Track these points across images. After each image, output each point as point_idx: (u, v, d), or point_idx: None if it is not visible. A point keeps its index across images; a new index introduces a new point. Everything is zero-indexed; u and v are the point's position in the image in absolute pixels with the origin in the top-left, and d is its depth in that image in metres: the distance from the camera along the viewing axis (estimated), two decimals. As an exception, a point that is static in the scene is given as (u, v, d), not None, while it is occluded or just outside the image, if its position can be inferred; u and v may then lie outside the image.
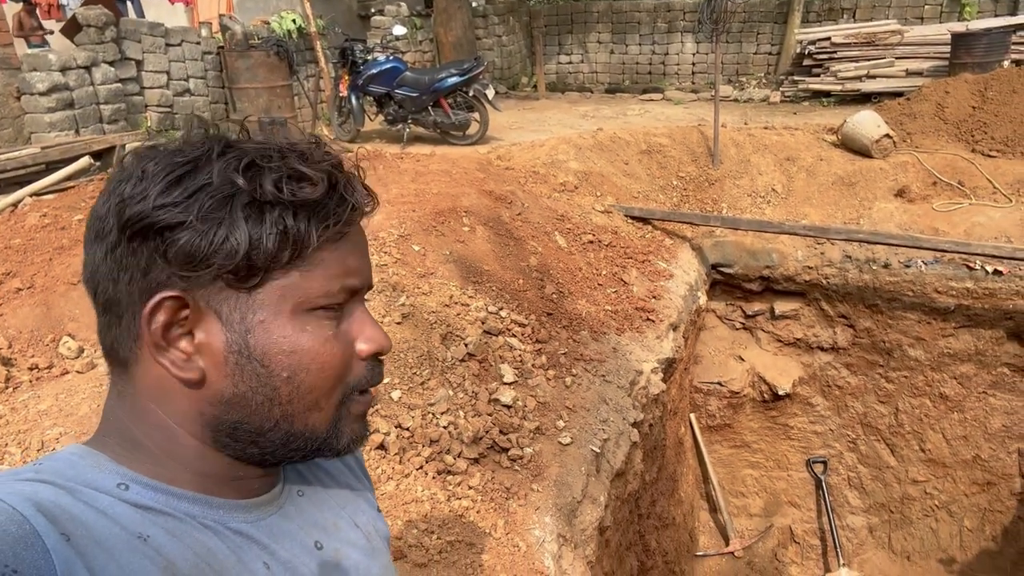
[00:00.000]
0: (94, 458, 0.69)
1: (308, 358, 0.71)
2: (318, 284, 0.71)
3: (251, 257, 0.67)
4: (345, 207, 0.72)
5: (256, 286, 0.69)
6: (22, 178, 5.31)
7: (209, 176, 0.67)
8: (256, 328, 0.69)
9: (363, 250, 0.77)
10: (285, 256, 0.68)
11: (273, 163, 0.69)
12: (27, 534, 0.57)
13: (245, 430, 0.72)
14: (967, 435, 5.72)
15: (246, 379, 0.70)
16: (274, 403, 0.71)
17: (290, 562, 0.76)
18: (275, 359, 0.70)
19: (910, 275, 5.49)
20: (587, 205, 5.40)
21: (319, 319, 0.72)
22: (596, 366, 3.76)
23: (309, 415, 0.73)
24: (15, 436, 2.37)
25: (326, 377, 0.73)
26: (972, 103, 6.37)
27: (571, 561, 2.70)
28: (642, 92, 11.21)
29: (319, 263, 0.71)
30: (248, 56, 7.72)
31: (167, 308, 0.68)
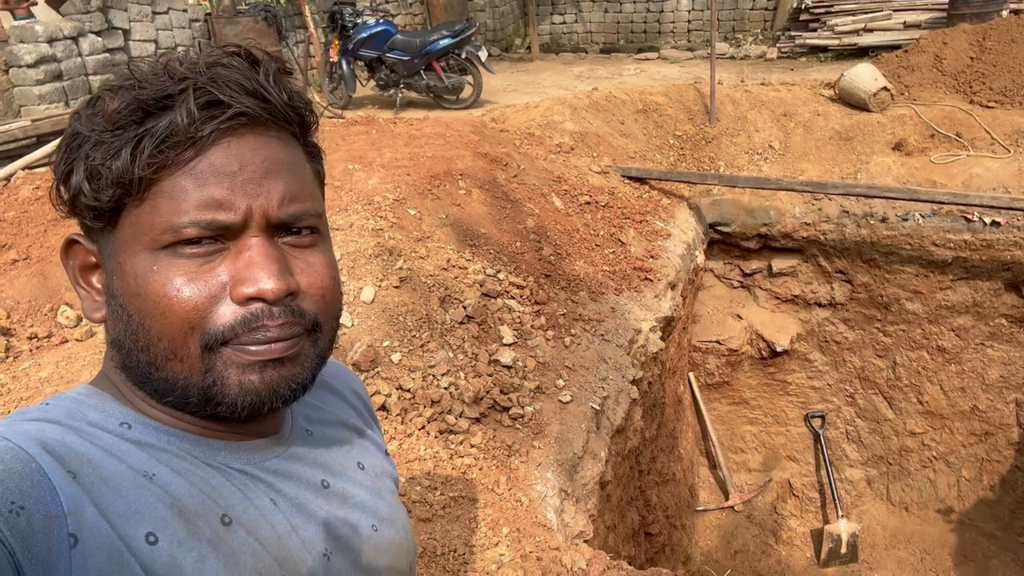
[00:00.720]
0: (99, 398, 0.69)
1: (151, 301, 0.64)
2: (160, 218, 0.64)
3: (83, 197, 0.65)
4: (170, 128, 0.63)
5: (111, 226, 0.66)
6: (13, 152, 5.27)
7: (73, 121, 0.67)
8: (116, 269, 0.67)
9: (243, 175, 0.65)
10: (108, 193, 0.64)
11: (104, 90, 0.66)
12: (33, 472, 0.57)
13: (134, 374, 0.69)
14: (965, 386, 5.77)
15: (116, 321, 0.68)
16: (139, 349, 0.67)
17: (296, 499, 0.76)
18: (130, 302, 0.66)
19: (907, 228, 5.48)
20: (583, 166, 5.37)
21: (173, 257, 0.64)
22: (595, 326, 3.77)
23: (168, 363, 0.66)
24: (17, 404, 2.39)
25: (169, 323, 0.64)
26: (970, 54, 6.30)
27: (573, 515, 2.74)
28: (637, 51, 11.07)
29: (162, 195, 0.64)
30: (236, 23, 7.61)
31: (75, 250, 0.70)
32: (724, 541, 5.93)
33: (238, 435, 0.74)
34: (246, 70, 0.67)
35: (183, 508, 0.65)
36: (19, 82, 6.08)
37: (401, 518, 0.89)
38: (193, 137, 0.64)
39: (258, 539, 0.70)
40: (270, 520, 0.72)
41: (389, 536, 0.85)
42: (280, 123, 0.69)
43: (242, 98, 0.65)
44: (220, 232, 0.65)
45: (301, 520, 0.75)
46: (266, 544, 0.70)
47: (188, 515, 0.65)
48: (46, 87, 6.09)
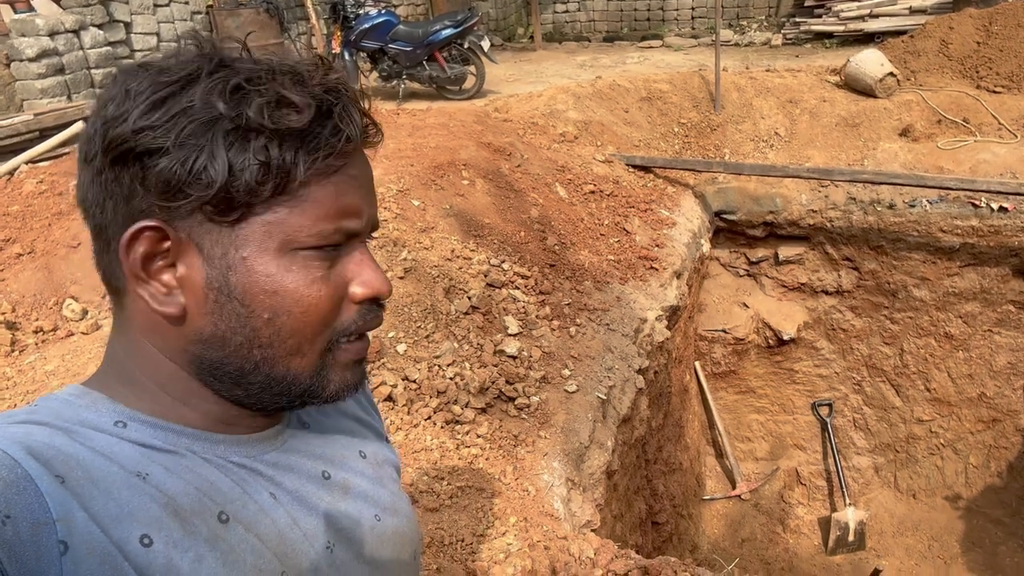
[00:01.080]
0: (90, 397, 0.67)
1: (291, 300, 0.67)
2: (308, 222, 0.66)
3: (229, 189, 0.63)
4: (339, 137, 0.66)
5: (238, 220, 0.65)
6: (16, 146, 5.26)
7: (192, 99, 0.62)
8: (238, 265, 0.65)
9: (365, 188, 0.71)
10: (267, 189, 0.64)
11: (262, 86, 0.63)
12: (19, 478, 0.55)
13: (227, 371, 0.69)
14: (972, 373, 5.74)
15: (225, 318, 0.67)
16: (254, 345, 0.67)
17: (297, 492, 0.75)
18: (256, 299, 0.66)
19: (915, 215, 5.45)
20: (587, 155, 5.35)
21: (308, 259, 0.67)
22: (600, 315, 3.76)
23: (290, 360, 0.69)
24: (23, 397, 2.39)
25: (309, 321, 0.68)
26: (977, 38, 6.24)
27: (580, 504, 2.74)
28: (641, 39, 11.01)
29: (309, 199, 0.66)
30: (237, 15, 7.59)
31: (146, 239, 0.65)
32: (731, 530, 5.93)
33: (239, 429, 0.73)
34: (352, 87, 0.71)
35: (178, 507, 0.63)
36: (21, 76, 6.07)
37: (404, 507, 0.88)
38: (351, 150, 0.69)
39: (257, 535, 0.69)
40: (270, 515, 0.71)
41: (392, 526, 0.84)
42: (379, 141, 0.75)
43: (372, 117, 0.72)
44: (350, 237, 0.70)
45: (302, 513, 0.74)
46: (266, 540, 0.69)
47: (184, 514, 0.63)
48: (48, 81, 6.08)
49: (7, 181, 4.38)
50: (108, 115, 0.64)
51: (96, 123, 0.65)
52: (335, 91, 0.67)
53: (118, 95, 0.64)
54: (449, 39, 7.26)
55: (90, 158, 0.65)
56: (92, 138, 0.65)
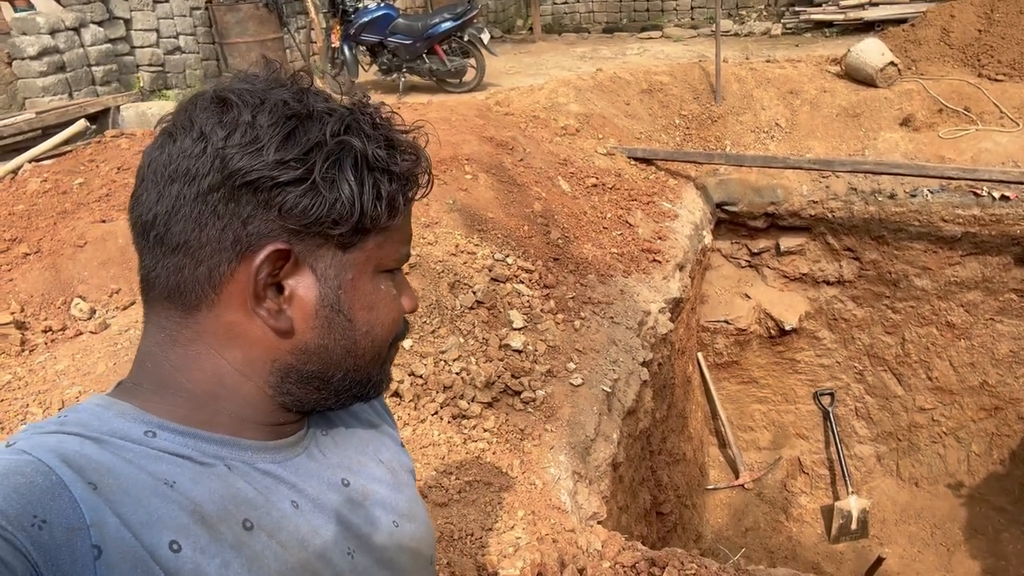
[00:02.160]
0: (119, 407, 0.69)
1: (383, 314, 0.78)
2: (394, 248, 0.77)
3: (361, 219, 0.71)
4: (426, 179, 0.78)
5: (353, 246, 0.73)
6: (19, 144, 5.27)
7: (321, 134, 0.69)
8: (347, 285, 0.74)
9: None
10: (383, 221, 0.73)
11: (376, 130, 0.73)
12: (54, 485, 0.57)
13: (316, 377, 0.76)
14: (974, 362, 5.76)
15: (332, 332, 0.75)
16: (351, 354, 0.77)
17: (318, 499, 0.77)
18: (359, 315, 0.76)
19: (916, 205, 5.46)
20: (589, 148, 5.35)
21: (386, 279, 0.78)
22: (604, 308, 3.78)
23: (372, 363, 0.79)
24: (35, 396, 2.41)
25: (389, 331, 0.80)
26: (978, 26, 6.23)
27: (586, 496, 2.76)
28: (641, 30, 10.97)
29: (396, 229, 0.76)
30: (237, 10, 7.57)
31: (273, 258, 0.70)
32: (735, 519, 5.96)
33: (264, 435, 0.76)
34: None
35: (205, 514, 0.65)
36: (23, 74, 6.07)
37: (420, 512, 0.90)
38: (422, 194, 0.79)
39: (280, 542, 0.71)
40: (292, 522, 0.73)
41: (410, 531, 0.86)
42: None
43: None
44: None
45: (322, 520, 0.76)
46: (288, 547, 0.71)
47: (210, 521, 0.65)
48: (49, 79, 6.08)
49: (11, 180, 4.39)
50: (231, 141, 0.68)
51: (206, 144, 0.68)
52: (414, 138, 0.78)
53: (240, 123, 0.68)
54: (449, 32, 7.24)
55: (194, 177, 0.68)
56: (199, 157, 0.68)
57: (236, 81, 0.74)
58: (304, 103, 0.71)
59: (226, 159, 0.67)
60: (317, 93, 0.74)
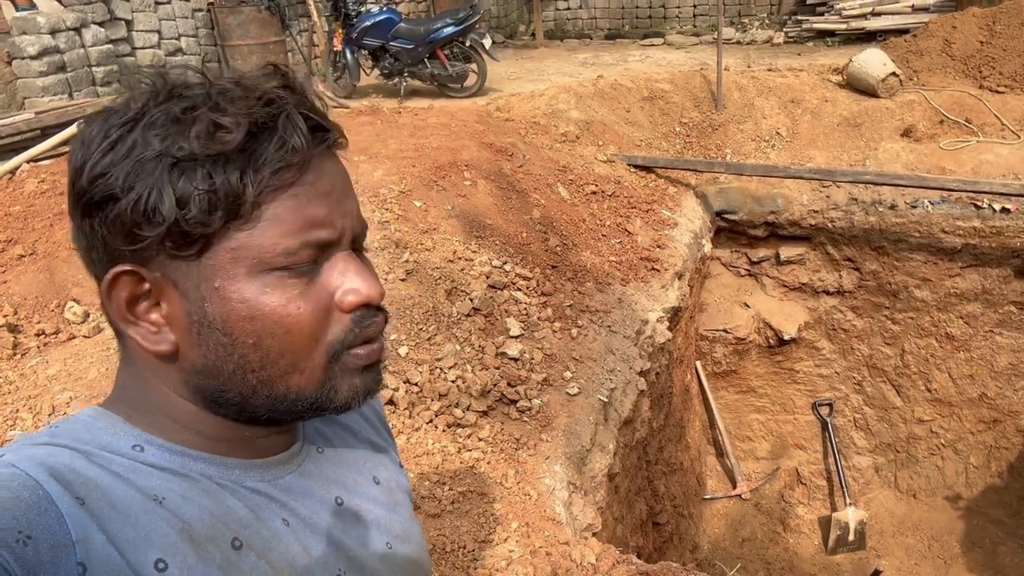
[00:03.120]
0: (109, 420, 0.68)
1: (271, 322, 0.65)
2: (271, 242, 0.64)
3: (180, 223, 0.62)
4: (284, 149, 0.64)
5: (202, 252, 0.64)
6: (18, 144, 5.25)
7: (135, 139, 0.62)
8: (212, 296, 0.65)
9: (334, 195, 0.68)
10: (218, 217, 0.62)
11: (199, 113, 0.62)
12: (40, 499, 0.56)
13: (229, 397, 0.69)
14: (973, 374, 5.74)
15: (212, 348, 0.66)
16: (247, 370, 0.67)
17: (310, 518, 0.75)
18: (236, 326, 0.65)
19: (916, 216, 5.44)
20: (589, 155, 5.34)
21: (282, 278, 0.65)
22: (602, 317, 3.76)
23: (289, 379, 0.68)
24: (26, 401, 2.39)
25: (295, 340, 0.67)
26: (980, 38, 6.22)
27: (581, 507, 2.74)
28: (643, 37, 10.98)
29: (267, 218, 0.64)
30: (239, 12, 7.56)
31: (125, 282, 0.65)
32: (732, 529, 5.94)
33: (254, 453, 0.74)
34: (304, 92, 0.69)
35: (193, 533, 0.64)
36: (23, 74, 6.06)
37: (415, 534, 0.89)
38: (304, 161, 0.66)
39: (269, 562, 0.69)
40: (282, 541, 0.71)
41: (404, 553, 0.84)
42: (341, 145, 0.73)
43: (328, 122, 0.69)
44: (323, 250, 0.68)
45: (314, 540, 0.75)
46: (277, 567, 0.70)
47: (198, 540, 0.64)
48: (49, 79, 6.07)
49: (8, 180, 4.37)
50: (73, 164, 0.64)
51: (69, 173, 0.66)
52: (274, 102, 0.65)
53: (77, 144, 0.65)
54: (451, 37, 7.24)
55: (71, 209, 0.66)
56: (69, 189, 0.66)
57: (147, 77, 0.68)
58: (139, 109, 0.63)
59: (72, 186, 0.64)
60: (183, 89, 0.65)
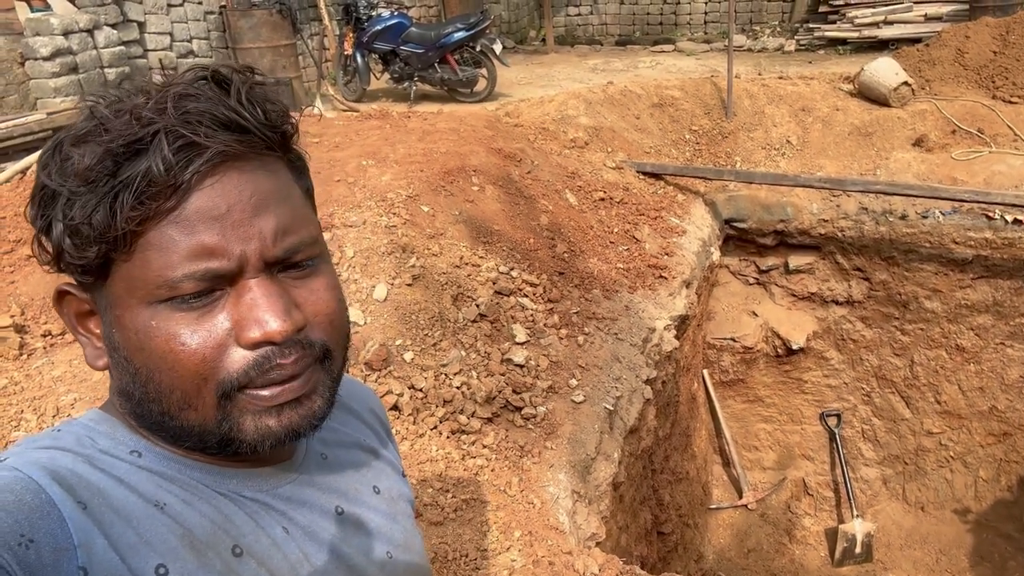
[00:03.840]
0: (110, 424, 0.68)
1: (157, 356, 0.62)
2: (154, 273, 0.61)
3: (65, 255, 0.62)
4: (148, 177, 0.59)
5: (102, 279, 0.64)
6: (29, 144, 5.29)
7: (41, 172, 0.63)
8: (115, 323, 0.64)
9: (232, 218, 0.62)
10: (94, 249, 0.61)
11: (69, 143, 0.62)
12: (43, 503, 0.56)
13: (146, 421, 0.68)
14: (983, 386, 5.69)
15: (123, 373, 0.66)
16: (148, 399, 0.65)
17: (309, 527, 0.75)
18: (133, 356, 0.64)
19: (927, 226, 5.40)
20: (598, 162, 5.33)
21: (170, 311, 0.62)
22: (609, 324, 3.74)
23: (183, 413, 0.65)
24: (31, 402, 2.40)
25: (179, 376, 0.63)
26: (993, 48, 6.18)
27: (586, 516, 2.72)
28: (653, 44, 10.97)
29: (149, 249, 0.60)
30: (251, 15, 7.59)
31: (69, 299, 0.68)
32: (737, 540, 5.89)
33: (251, 463, 0.73)
34: (217, 98, 0.63)
35: (194, 539, 0.64)
36: (35, 75, 6.09)
37: (417, 543, 0.88)
38: (173, 185, 0.60)
39: (269, 570, 0.69)
40: (282, 550, 0.71)
41: (404, 562, 0.84)
42: (261, 151, 0.65)
43: (219, 135, 0.61)
44: (216, 281, 0.63)
45: (314, 549, 0.74)
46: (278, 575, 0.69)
47: (199, 546, 0.64)
48: (62, 80, 6.10)
49: (19, 180, 4.40)
50: None
51: None
52: (152, 122, 0.60)
53: None
54: (461, 42, 7.24)
55: None
56: None
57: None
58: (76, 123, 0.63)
59: None
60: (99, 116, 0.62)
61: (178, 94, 0.62)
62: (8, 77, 6.03)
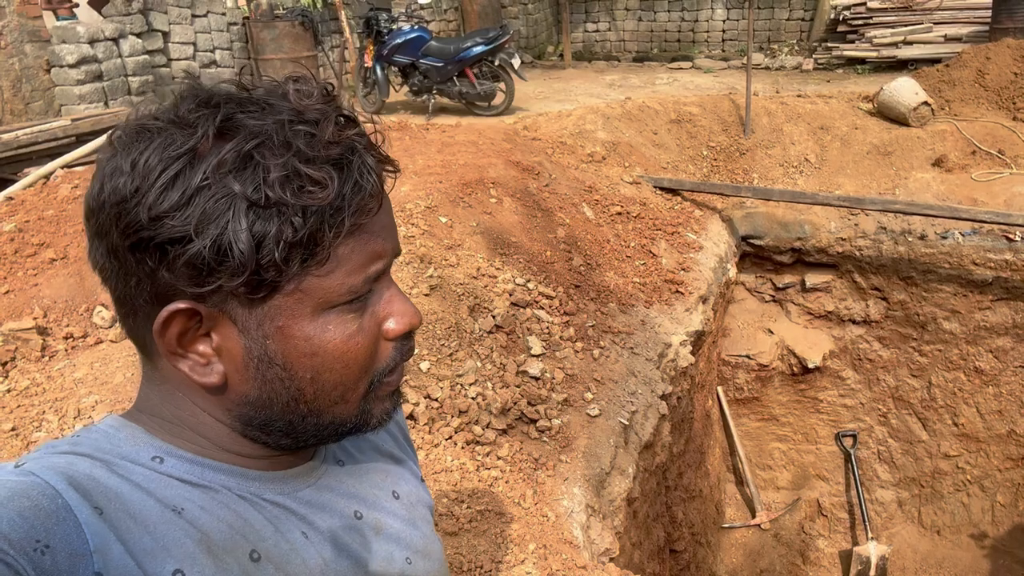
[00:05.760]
0: (130, 430, 0.68)
1: (332, 358, 0.67)
2: (338, 282, 0.65)
3: (258, 271, 0.61)
4: (361, 196, 0.64)
5: (270, 294, 0.64)
6: (53, 150, 5.36)
7: (206, 175, 0.60)
8: (275, 334, 0.65)
9: (386, 224, 0.69)
10: (295, 264, 0.62)
11: (276, 156, 0.60)
12: (59, 508, 0.56)
13: (276, 426, 0.70)
14: (1002, 409, 5.62)
15: (269, 382, 0.67)
16: (300, 402, 0.69)
17: (329, 532, 0.75)
18: (297, 362, 0.67)
19: (947, 247, 5.36)
20: (615, 176, 5.33)
21: (342, 314, 0.67)
22: (624, 338, 3.73)
23: (336, 408, 0.70)
24: (52, 404, 2.41)
25: (350, 372, 0.69)
26: (1014, 69, 6.15)
27: (599, 531, 2.70)
28: (671, 60, 11.00)
29: (338, 260, 0.65)
30: (273, 27, 7.69)
31: (179, 319, 0.64)
32: (750, 560, 5.83)
33: (274, 465, 0.74)
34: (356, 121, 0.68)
35: (211, 544, 0.64)
36: (60, 81, 6.19)
37: (436, 549, 0.88)
38: (379, 202, 0.67)
39: (288, 575, 0.69)
40: (301, 554, 0.71)
41: (423, 568, 0.84)
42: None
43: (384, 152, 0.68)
44: (376, 282, 0.69)
45: (333, 554, 0.74)
46: None
47: (216, 551, 0.64)
48: (86, 87, 6.20)
49: (43, 185, 4.45)
50: (119, 191, 0.61)
51: (104, 194, 0.62)
52: (352, 148, 0.64)
53: (125, 168, 0.61)
54: (480, 56, 7.30)
55: (103, 233, 0.63)
56: (100, 211, 0.63)
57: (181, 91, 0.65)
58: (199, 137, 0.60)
59: (118, 216, 0.61)
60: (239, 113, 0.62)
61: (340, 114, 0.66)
62: (34, 83, 6.13)
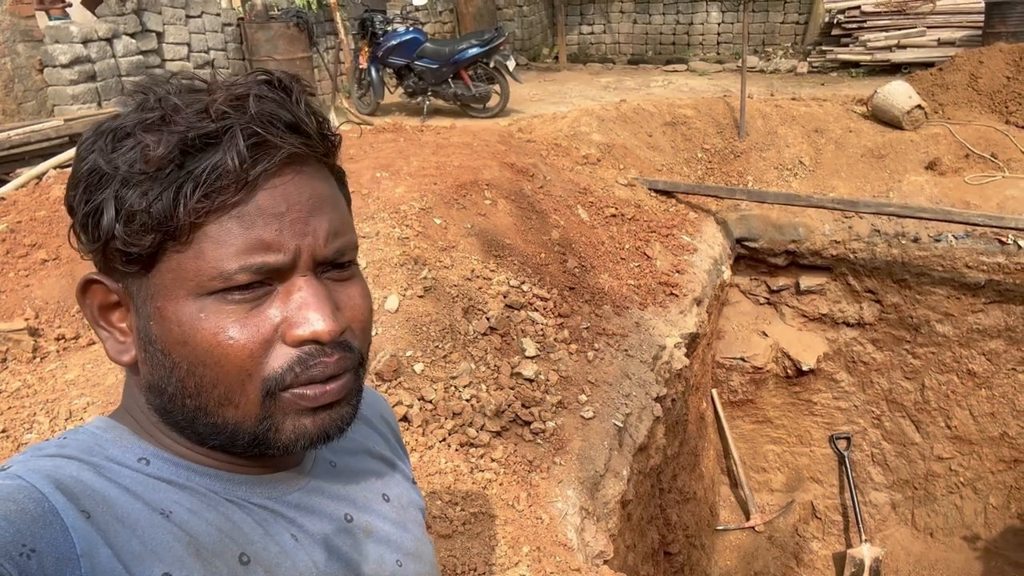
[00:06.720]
0: (117, 432, 0.67)
1: (202, 350, 0.62)
2: (208, 264, 0.61)
3: (117, 241, 0.61)
4: (218, 170, 0.60)
5: (146, 269, 0.62)
6: (46, 151, 5.34)
7: (93, 156, 0.62)
8: (155, 315, 0.63)
9: (290, 216, 0.63)
10: (151, 238, 0.60)
11: (139, 132, 0.61)
12: (46, 512, 0.56)
13: (175, 418, 0.67)
14: (995, 412, 5.64)
15: (156, 367, 0.65)
16: (185, 395, 0.65)
17: (319, 535, 0.74)
18: (174, 350, 0.63)
19: (940, 249, 5.38)
20: (610, 178, 5.34)
21: (221, 303, 0.62)
22: (619, 340, 3.73)
23: (222, 410, 0.65)
24: (43, 405, 2.40)
25: (224, 371, 0.63)
26: (1007, 73, 6.19)
27: (593, 534, 2.70)
28: (666, 63, 11.02)
29: (206, 240, 0.61)
30: (268, 28, 7.68)
31: (95, 290, 0.66)
32: (744, 562, 5.83)
33: (260, 469, 0.73)
34: (284, 101, 0.64)
35: (200, 547, 0.63)
36: (53, 82, 6.16)
37: (427, 552, 0.87)
38: (242, 180, 0.61)
39: None
40: (291, 557, 0.70)
41: (414, 571, 0.83)
42: (319, 157, 0.68)
43: (289, 137, 0.63)
44: (269, 275, 0.63)
45: (323, 556, 0.73)
46: None
47: (205, 554, 0.63)
48: (79, 87, 6.17)
49: (35, 186, 4.43)
50: None
51: None
52: (225, 116, 0.61)
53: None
54: (475, 58, 7.30)
55: None
56: None
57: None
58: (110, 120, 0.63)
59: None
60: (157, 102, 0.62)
61: (242, 92, 0.63)
62: (27, 83, 6.10)
